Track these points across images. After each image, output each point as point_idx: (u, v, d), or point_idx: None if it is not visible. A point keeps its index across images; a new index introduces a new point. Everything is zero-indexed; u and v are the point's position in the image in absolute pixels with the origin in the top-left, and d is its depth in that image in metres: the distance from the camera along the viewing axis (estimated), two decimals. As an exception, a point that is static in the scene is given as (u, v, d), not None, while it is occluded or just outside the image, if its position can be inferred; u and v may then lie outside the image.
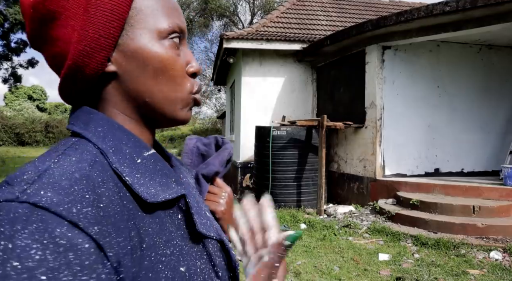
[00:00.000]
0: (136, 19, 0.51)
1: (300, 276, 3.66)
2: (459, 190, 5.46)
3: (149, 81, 0.52)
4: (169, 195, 0.50)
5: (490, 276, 3.60)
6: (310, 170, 6.65)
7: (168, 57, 0.52)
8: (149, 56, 0.51)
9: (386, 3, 11.16)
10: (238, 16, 22.46)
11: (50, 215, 0.37)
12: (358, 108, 6.65)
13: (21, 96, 47.70)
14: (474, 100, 6.90)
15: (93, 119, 0.51)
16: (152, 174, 0.50)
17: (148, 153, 0.52)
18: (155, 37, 0.52)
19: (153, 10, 0.52)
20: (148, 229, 0.46)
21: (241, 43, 7.69)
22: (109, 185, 0.44)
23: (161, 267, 0.46)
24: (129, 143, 0.51)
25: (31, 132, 31.07)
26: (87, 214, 0.39)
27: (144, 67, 0.51)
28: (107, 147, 0.48)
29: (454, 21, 5.21)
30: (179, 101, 0.54)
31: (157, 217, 0.49)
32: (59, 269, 0.36)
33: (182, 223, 0.53)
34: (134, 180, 0.47)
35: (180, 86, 0.54)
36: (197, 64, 0.57)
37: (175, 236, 0.50)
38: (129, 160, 0.49)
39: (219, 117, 22.42)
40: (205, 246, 0.55)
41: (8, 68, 15.44)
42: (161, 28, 0.52)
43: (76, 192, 0.40)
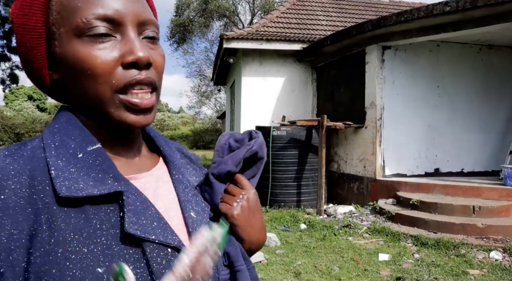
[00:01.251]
0: (56, 24, 0.51)
1: (300, 276, 3.66)
2: (459, 190, 5.46)
3: (80, 83, 0.51)
4: (97, 191, 0.47)
5: (490, 276, 3.60)
6: (310, 170, 6.65)
7: (84, 56, 0.49)
8: (70, 60, 0.50)
9: (386, 3, 11.16)
10: (238, 16, 22.46)
11: None
12: (358, 108, 6.65)
13: (21, 96, 47.68)
14: (474, 100, 6.90)
15: (58, 116, 0.55)
16: (89, 169, 0.49)
17: (92, 147, 0.51)
18: (73, 37, 0.50)
19: (69, 8, 0.50)
20: (61, 224, 0.45)
21: (241, 43, 7.69)
22: (21, 179, 0.45)
23: (68, 265, 0.44)
24: (78, 138, 0.52)
25: (31, 132, 31.04)
26: None
27: (72, 71, 0.51)
28: (51, 142, 0.50)
29: (454, 21, 5.21)
30: (105, 102, 0.51)
31: (83, 213, 0.47)
32: None
33: (119, 221, 0.49)
34: (64, 174, 0.47)
35: (100, 84, 0.50)
36: (140, 52, 0.50)
37: (101, 234, 0.47)
38: (70, 155, 0.50)
39: (219, 117, 22.42)
40: (144, 250, 0.49)
41: (5, 69, 15.45)
42: (75, 25, 0.49)
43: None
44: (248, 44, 7.70)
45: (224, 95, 21.65)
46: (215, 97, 25.49)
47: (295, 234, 5.12)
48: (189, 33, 21.93)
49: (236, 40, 7.67)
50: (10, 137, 30.08)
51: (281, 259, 4.15)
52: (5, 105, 44.96)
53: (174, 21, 20.72)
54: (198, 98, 24.88)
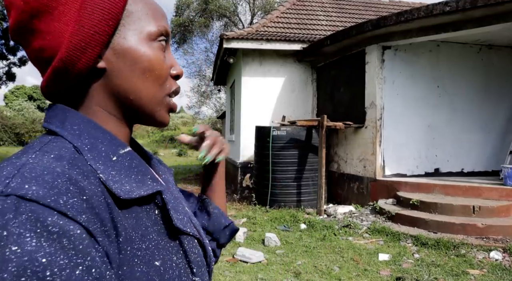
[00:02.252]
0: (128, 21, 0.54)
1: (300, 276, 3.66)
2: (459, 190, 5.46)
3: (136, 79, 0.54)
4: (144, 191, 0.51)
5: (490, 276, 3.60)
6: (310, 170, 6.65)
7: (155, 58, 0.55)
8: (138, 56, 0.54)
9: (386, 3, 11.16)
10: (238, 16, 22.46)
11: (39, 206, 0.39)
12: (358, 108, 6.65)
13: (21, 96, 47.71)
14: (474, 100, 6.90)
15: (69, 117, 0.52)
16: (127, 171, 0.51)
17: (123, 150, 0.53)
18: (145, 39, 0.55)
19: (144, 13, 0.55)
20: (124, 223, 0.47)
21: (241, 43, 7.69)
22: (90, 180, 0.46)
23: (136, 261, 0.47)
24: (105, 141, 0.52)
25: (31, 132, 31.07)
26: (73, 204, 0.41)
27: (133, 65, 0.53)
28: (82, 144, 0.49)
29: (454, 21, 5.21)
30: (160, 101, 0.57)
31: (133, 212, 0.50)
32: (55, 253, 0.37)
33: (158, 218, 0.53)
34: (109, 177, 0.48)
35: (162, 87, 0.57)
36: (179, 68, 0.60)
37: (151, 231, 0.51)
38: (104, 158, 0.50)
39: (219, 117, 22.41)
40: (181, 242, 0.55)
41: (3, 67, 15.46)
42: (151, 31, 0.55)
43: (60, 185, 0.41)
44: (248, 44, 7.70)
45: (224, 95, 21.64)
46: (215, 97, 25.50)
47: (295, 234, 5.11)
48: (189, 33, 21.92)
49: (236, 40, 7.67)
50: (10, 137, 30.07)
51: (281, 259, 4.15)
52: (5, 105, 44.96)
53: (174, 21, 20.71)
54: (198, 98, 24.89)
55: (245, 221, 5.75)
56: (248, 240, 4.83)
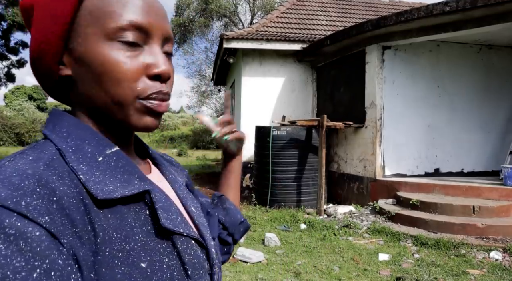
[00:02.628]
0: (85, 22, 0.51)
1: (300, 276, 3.66)
2: (459, 190, 5.46)
3: (96, 84, 0.51)
4: (128, 191, 0.50)
5: (490, 276, 3.60)
6: (310, 170, 6.65)
7: (112, 60, 0.50)
8: (94, 60, 0.50)
9: (386, 3, 11.16)
10: (238, 16, 22.46)
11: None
12: (358, 108, 6.65)
13: (21, 96, 47.71)
14: (474, 100, 6.90)
15: (61, 121, 0.53)
16: (113, 171, 0.50)
17: (110, 150, 0.52)
18: (102, 39, 0.50)
19: (103, 11, 0.50)
20: (103, 224, 0.46)
21: (241, 43, 7.69)
22: (64, 181, 0.45)
23: (117, 263, 0.46)
24: (92, 142, 0.52)
25: (31, 132, 31.06)
26: (37, 206, 0.40)
27: (92, 70, 0.51)
28: (67, 146, 0.49)
29: (454, 21, 5.21)
30: (126, 105, 0.52)
31: (117, 213, 0.49)
32: (11, 256, 0.37)
33: (148, 218, 0.52)
34: (91, 177, 0.48)
35: (128, 90, 0.51)
36: (163, 67, 0.53)
37: (137, 231, 0.49)
38: (89, 158, 0.50)
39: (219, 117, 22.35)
40: (174, 242, 0.53)
41: (2, 67, 15.45)
42: (108, 29, 0.50)
43: (26, 187, 0.41)
44: (248, 44, 7.70)
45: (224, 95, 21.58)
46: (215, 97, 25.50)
47: (295, 234, 5.12)
48: (189, 33, 21.92)
49: (236, 40, 7.67)
50: (10, 137, 30.07)
51: (281, 259, 4.15)
52: (5, 105, 44.96)
53: (174, 21, 20.71)
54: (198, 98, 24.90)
55: (245, 221, 5.75)
56: (248, 240, 4.83)
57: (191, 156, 19.58)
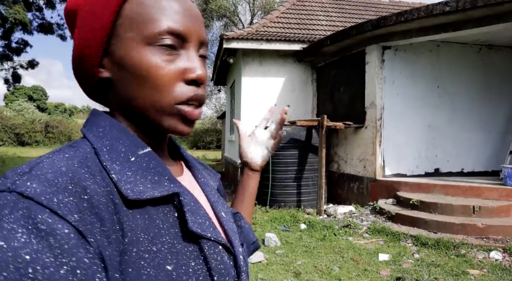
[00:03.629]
0: (124, 27, 0.52)
1: (300, 276, 3.66)
2: (459, 190, 5.46)
3: (134, 88, 0.53)
4: (158, 192, 0.50)
5: (490, 276, 3.60)
6: (310, 170, 6.65)
7: (152, 65, 0.51)
8: (133, 64, 0.52)
9: (386, 3, 11.16)
10: (238, 16, 22.47)
11: (33, 203, 0.40)
12: (358, 108, 6.65)
13: (21, 96, 47.71)
14: (474, 100, 6.90)
15: (98, 120, 0.55)
16: (144, 172, 0.51)
17: (143, 151, 0.53)
18: (141, 44, 0.51)
19: (142, 16, 0.51)
20: (131, 224, 0.47)
21: (241, 43, 7.69)
22: (96, 179, 0.46)
23: (143, 264, 0.46)
24: (126, 142, 0.53)
25: (31, 132, 31.08)
26: (67, 204, 0.41)
27: (131, 74, 0.52)
28: (102, 146, 0.51)
29: (454, 21, 5.21)
30: (163, 110, 0.53)
31: (146, 214, 0.49)
32: (42, 251, 0.38)
33: (177, 221, 0.52)
34: (123, 177, 0.49)
35: (166, 94, 0.53)
36: (200, 71, 0.54)
37: (165, 233, 0.50)
38: (122, 158, 0.51)
39: (219, 117, 22.41)
40: (201, 247, 0.53)
41: (9, 68, 15.43)
42: (147, 34, 0.51)
43: (60, 184, 0.42)
44: (248, 44, 7.70)
45: (224, 95, 21.64)
46: (215, 97, 25.50)
47: (295, 234, 5.12)
48: (189, 33, 21.90)
49: (236, 40, 7.67)
50: (10, 137, 30.06)
51: (281, 259, 4.15)
52: (5, 105, 44.95)
53: (174, 21, 20.72)
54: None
55: (245, 221, 5.75)
56: (248, 240, 4.83)
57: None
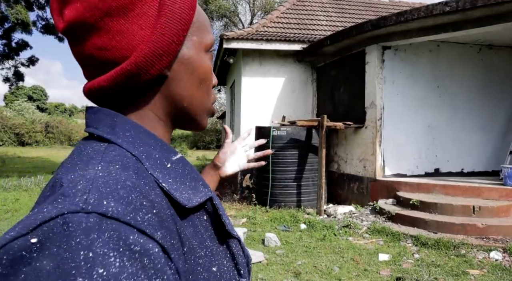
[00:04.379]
0: (192, 31, 0.55)
1: (300, 276, 3.66)
2: (459, 190, 5.46)
3: (193, 87, 0.57)
4: (200, 198, 0.51)
5: (490, 276, 3.60)
6: (310, 170, 6.65)
7: (209, 69, 0.59)
8: (197, 66, 0.56)
9: (386, 3, 11.16)
10: (238, 17, 22.46)
11: (120, 224, 0.38)
12: (358, 108, 6.65)
13: (21, 96, 47.70)
14: (474, 100, 6.90)
15: (119, 123, 0.50)
16: (182, 179, 0.51)
17: (176, 157, 0.53)
18: (202, 49, 0.57)
19: (203, 24, 0.58)
20: (186, 233, 0.47)
21: (241, 43, 7.69)
22: (156, 191, 0.45)
23: (199, 269, 0.48)
24: (157, 148, 0.51)
25: (31, 132, 31.07)
26: (149, 221, 0.40)
27: (192, 75, 0.56)
28: (139, 153, 0.48)
29: (454, 21, 5.21)
30: (208, 109, 0.61)
31: (191, 220, 0.50)
32: (137, 274, 0.36)
33: (208, 224, 0.54)
34: (169, 185, 0.48)
35: (209, 95, 0.61)
36: (215, 77, 0.64)
37: (205, 237, 0.52)
38: (160, 166, 0.49)
39: (219, 117, 22.41)
40: (229, 245, 0.56)
41: (10, 67, 15.44)
42: (208, 42, 0.58)
43: (135, 200, 0.41)
44: (248, 44, 7.70)
45: (224, 95, 21.64)
46: (215, 97, 25.43)
47: (295, 234, 5.11)
48: (189, 33, 21.91)
49: (236, 40, 7.67)
50: (10, 137, 30.05)
51: (281, 259, 4.15)
52: (5, 105, 44.95)
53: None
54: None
55: (245, 221, 5.75)
56: (248, 240, 4.83)
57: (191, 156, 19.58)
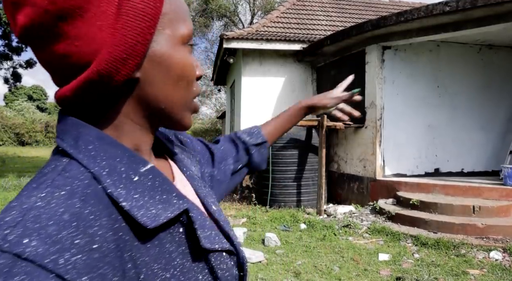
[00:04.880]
0: (162, 24, 0.49)
1: (300, 276, 3.66)
2: (459, 190, 5.46)
3: (169, 87, 0.51)
4: (171, 213, 0.47)
5: (490, 276, 3.60)
6: (310, 170, 6.65)
7: (188, 63, 0.52)
8: (172, 63, 0.50)
9: (386, 3, 11.16)
10: (238, 16, 22.47)
11: (35, 267, 0.34)
12: (358, 108, 6.61)
13: (21, 96, 47.70)
14: (474, 100, 6.90)
15: (83, 134, 0.46)
16: (151, 192, 0.47)
17: (145, 168, 0.48)
18: (177, 43, 0.51)
19: (175, 15, 0.50)
20: (145, 258, 0.44)
21: (241, 43, 7.69)
22: (102, 222, 0.41)
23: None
24: (124, 159, 0.47)
25: (31, 132, 31.09)
26: (76, 263, 0.36)
27: (167, 73, 0.50)
28: (100, 169, 0.44)
29: (454, 21, 5.21)
30: (188, 106, 0.54)
31: (157, 240, 0.46)
32: None
33: (183, 238, 0.49)
34: (132, 203, 0.44)
35: (190, 91, 0.54)
36: (201, 67, 0.56)
37: (175, 256, 0.47)
38: (125, 179, 0.45)
39: (219, 117, 22.42)
40: (208, 259, 0.51)
41: (9, 68, 15.48)
42: (184, 34, 0.51)
43: (65, 239, 0.37)
44: (248, 44, 7.70)
45: (224, 95, 21.66)
46: (215, 97, 25.50)
47: (295, 234, 5.12)
48: (189, 33, 21.91)
49: (236, 40, 7.67)
50: (10, 137, 30.08)
51: (281, 259, 4.15)
52: (5, 105, 44.96)
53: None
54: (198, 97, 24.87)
55: (245, 221, 5.75)
56: (248, 240, 4.83)
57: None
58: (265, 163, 0.94)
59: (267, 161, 0.81)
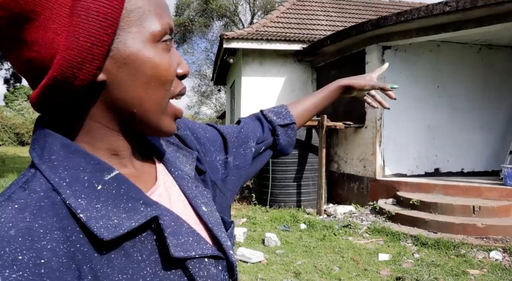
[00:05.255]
0: (128, 22, 0.45)
1: (300, 276, 3.66)
2: (459, 190, 5.46)
3: (139, 89, 0.47)
4: (135, 222, 0.45)
5: (490, 276, 3.60)
6: (310, 170, 6.65)
7: (161, 63, 0.48)
8: (141, 63, 0.46)
9: (386, 3, 11.16)
10: (238, 16, 22.47)
11: None
12: (358, 108, 6.65)
13: (21, 96, 47.69)
14: (474, 100, 6.90)
15: (48, 143, 0.46)
16: (115, 200, 0.45)
17: (109, 176, 0.46)
18: (148, 41, 0.47)
19: (145, 10, 0.47)
20: (107, 270, 0.42)
21: (241, 43, 7.69)
22: (53, 236, 0.40)
23: None
24: (88, 168, 0.45)
25: (31, 132, 31.06)
26: (15, 280, 0.36)
27: (136, 74, 0.47)
28: (60, 179, 0.43)
29: (454, 21, 5.21)
30: (163, 109, 0.50)
31: (122, 250, 0.44)
32: None
33: (156, 245, 0.47)
34: (92, 214, 0.43)
35: (167, 92, 0.50)
36: (186, 65, 0.53)
37: (145, 265, 0.45)
38: (87, 189, 0.44)
39: (219, 117, 22.42)
40: (185, 266, 0.49)
41: (9, 68, 15.53)
42: (155, 31, 0.47)
43: (7, 255, 0.37)
44: (248, 44, 7.70)
45: (224, 95, 21.66)
46: (215, 97, 25.51)
47: (295, 234, 5.12)
48: (189, 33, 21.96)
49: (236, 40, 7.67)
50: (10, 137, 30.09)
51: (281, 259, 4.15)
52: (5, 105, 44.95)
53: (174, 21, 20.73)
54: (198, 98, 24.91)
55: (245, 221, 5.76)
56: (248, 240, 4.83)
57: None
58: (292, 147, 0.88)
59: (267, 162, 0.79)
